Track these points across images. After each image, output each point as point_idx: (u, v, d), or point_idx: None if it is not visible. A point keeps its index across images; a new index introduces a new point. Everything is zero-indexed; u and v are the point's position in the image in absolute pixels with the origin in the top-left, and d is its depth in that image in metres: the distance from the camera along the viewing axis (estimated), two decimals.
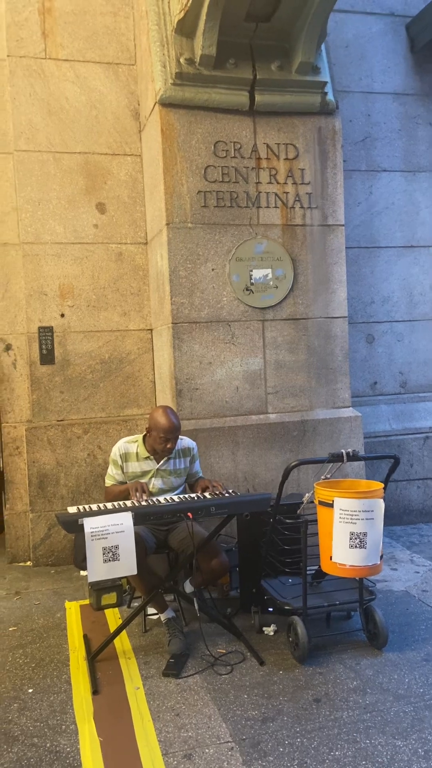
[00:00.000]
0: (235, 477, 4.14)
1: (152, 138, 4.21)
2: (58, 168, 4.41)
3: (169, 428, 3.21)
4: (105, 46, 4.47)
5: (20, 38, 4.32)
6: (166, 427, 3.20)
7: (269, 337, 4.26)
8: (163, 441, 3.22)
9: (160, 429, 3.20)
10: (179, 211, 4.07)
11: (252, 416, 4.24)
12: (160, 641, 3.17)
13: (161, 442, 3.23)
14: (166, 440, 3.22)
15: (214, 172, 4.11)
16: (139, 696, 2.69)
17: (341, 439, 4.30)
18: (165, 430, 3.20)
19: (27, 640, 3.25)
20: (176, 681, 2.80)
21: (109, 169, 4.51)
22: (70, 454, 4.41)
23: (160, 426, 3.20)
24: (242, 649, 3.05)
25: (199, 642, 3.11)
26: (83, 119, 4.44)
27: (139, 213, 4.58)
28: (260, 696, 2.66)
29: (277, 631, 3.22)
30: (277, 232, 4.24)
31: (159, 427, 3.21)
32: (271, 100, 4.07)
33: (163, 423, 3.20)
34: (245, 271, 4.19)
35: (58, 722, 2.51)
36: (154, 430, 3.23)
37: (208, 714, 2.54)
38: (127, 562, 2.77)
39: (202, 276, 4.13)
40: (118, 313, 4.59)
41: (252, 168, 4.16)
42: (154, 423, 3.23)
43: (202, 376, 4.15)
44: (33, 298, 4.41)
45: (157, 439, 3.23)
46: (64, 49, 4.39)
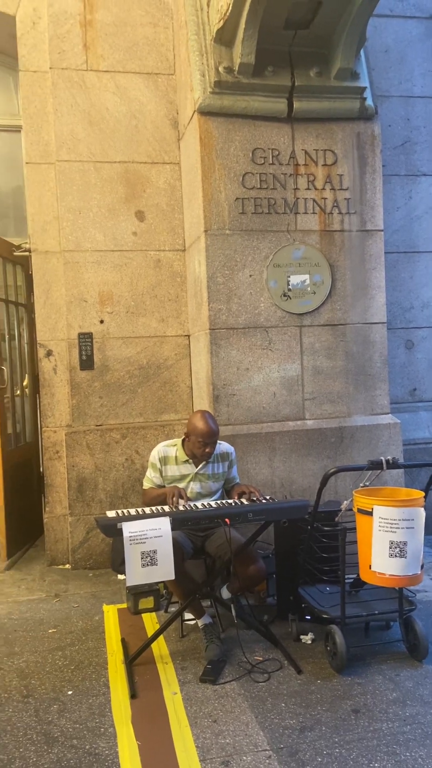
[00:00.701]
0: (271, 483, 4.13)
1: (191, 146, 4.25)
2: (99, 177, 4.49)
3: (208, 433, 3.22)
4: (144, 56, 4.53)
5: (62, 50, 4.42)
6: (204, 431, 3.21)
7: (307, 343, 4.24)
8: (201, 445, 3.24)
9: (198, 433, 3.22)
10: (217, 218, 4.09)
11: (289, 422, 4.22)
12: (197, 647, 3.18)
13: (200, 447, 3.25)
14: (205, 444, 3.24)
15: (252, 179, 4.12)
16: (177, 701, 2.70)
17: (380, 446, 4.25)
18: (203, 435, 3.21)
19: (66, 642, 3.29)
20: (213, 687, 2.80)
21: (148, 177, 4.57)
22: (108, 458, 4.46)
23: (199, 431, 3.22)
24: (279, 657, 3.03)
25: (236, 648, 3.11)
26: (123, 129, 4.51)
27: (177, 220, 4.62)
28: (298, 705, 2.64)
29: (315, 639, 3.19)
30: (315, 238, 4.22)
31: (197, 432, 3.22)
32: (310, 107, 4.07)
33: (202, 428, 3.22)
34: (283, 277, 4.18)
35: (97, 725, 2.54)
36: (193, 435, 3.25)
37: (246, 721, 2.53)
38: (165, 567, 2.79)
39: (240, 282, 4.14)
40: (156, 319, 4.63)
41: (290, 174, 4.16)
42: (193, 427, 3.25)
43: (240, 382, 4.16)
44: (73, 304, 4.49)
45: (196, 443, 3.25)
46: (105, 60, 4.48)
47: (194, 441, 3.25)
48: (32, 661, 3.10)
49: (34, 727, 2.53)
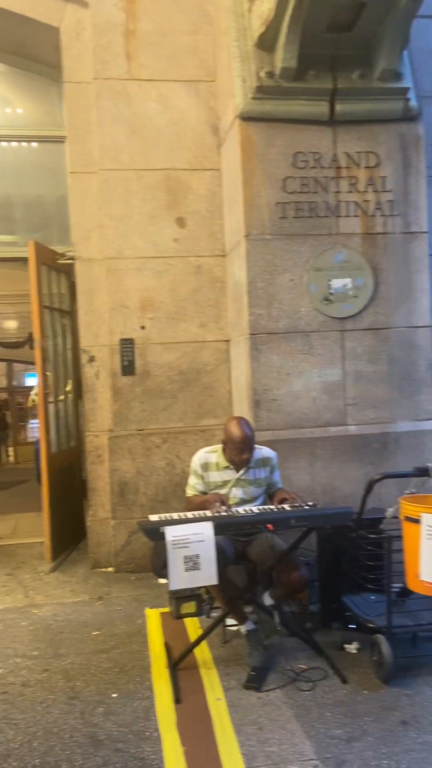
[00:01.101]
0: (313, 489, 4.09)
1: (231, 152, 4.26)
2: (140, 185, 4.54)
3: (242, 439, 3.23)
4: (185, 64, 4.57)
5: (105, 61, 4.50)
6: (238, 438, 3.23)
7: (349, 347, 4.20)
8: (239, 452, 3.25)
9: (233, 440, 3.24)
10: (258, 222, 4.09)
11: (331, 428, 4.17)
12: (239, 653, 3.17)
13: (237, 453, 3.25)
14: (241, 451, 3.25)
15: (293, 183, 4.10)
16: (221, 707, 2.69)
17: (425, 452, 4.16)
18: (237, 441, 3.23)
19: (110, 645, 3.32)
20: (257, 694, 2.78)
21: (188, 184, 4.60)
22: (149, 463, 4.50)
23: (233, 437, 3.23)
24: (324, 666, 2.99)
25: (279, 656, 3.08)
26: (164, 136, 4.56)
27: (217, 226, 4.64)
28: (344, 715, 2.60)
29: (360, 649, 3.14)
30: (357, 241, 4.18)
31: (232, 438, 3.24)
32: (352, 109, 4.04)
33: (236, 434, 3.23)
34: (324, 281, 4.15)
35: (142, 728, 2.55)
36: (229, 442, 3.27)
37: (291, 730, 2.50)
38: (208, 572, 2.79)
39: (280, 287, 4.13)
40: (195, 325, 4.65)
41: (331, 177, 4.13)
42: (228, 434, 3.27)
43: (280, 387, 4.14)
44: (115, 311, 4.54)
45: (233, 450, 3.26)
46: (147, 69, 4.53)
47: (231, 448, 3.26)
48: (77, 663, 3.13)
49: (80, 729, 2.55)
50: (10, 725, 2.59)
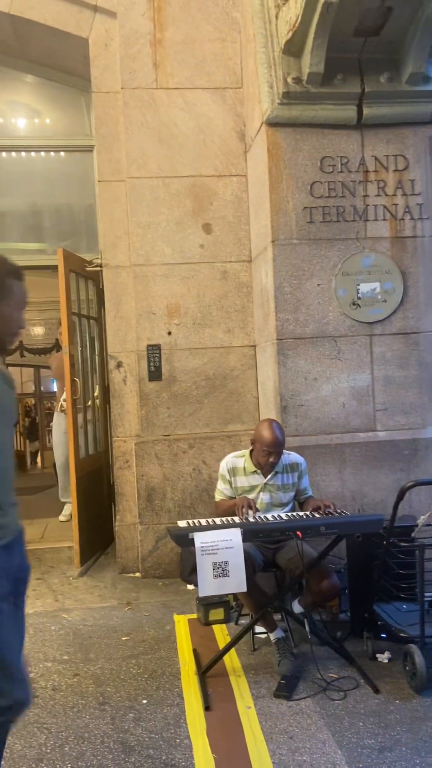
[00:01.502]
0: (342, 496, 4.05)
1: (258, 157, 4.27)
2: (167, 192, 4.57)
3: (272, 442, 3.21)
4: (212, 71, 4.60)
5: (133, 70, 4.54)
6: (268, 440, 3.21)
7: (377, 352, 4.16)
8: (266, 454, 3.23)
9: (263, 442, 3.22)
10: (284, 227, 4.08)
11: (360, 433, 4.13)
12: (269, 661, 3.14)
13: (264, 455, 3.24)
14: (269, 454, 3.23)
15: (321, 187, 4.09)
16: (251, 715, 2.67)
17: None
18: (267, 444, 3.21)
19: (139, 651, 3.33)
20: (288, 703, 2.76)
21: (215, 190, 4.61)
22: (176, 468, 4.50)
23: (263, 439, 3.21)
24: (355, 675, 2.95)
25: (309, 664, 3.05)
26: (191, 144, 4.58)
27: (243, 231, 4.64)
28: (376, 725, 2.57)
29: (392, 658, 3.10)
30: (386, 245, 4.14)
31: (262, 440, 3.22)
32: (380, 113, 4.01)
33: (267, 436, 3.21)
34: (352, 286, 4.12)
35: (173, 735, 2.54)
36: (258, 443, 3.25)
37: (323, 739, 2.48)
38: (237, 579, 2.78)
39: (308, 292, 4.11)
40: (222, 330, 4.65)
41: (359, 181, 4.11)
42: (259, 435, 3.25)
43: (307, 393, 4.11)
44: (142, 317, 4.57)
45: (261, 452, 3.25)
46: (174, 77, 4.56)
47: (259, 449, 3.25)
48: (107, 668, 3.14)
49: (111, 735, 2.56)
50: (41, 729, 2.61)
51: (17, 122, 5.37)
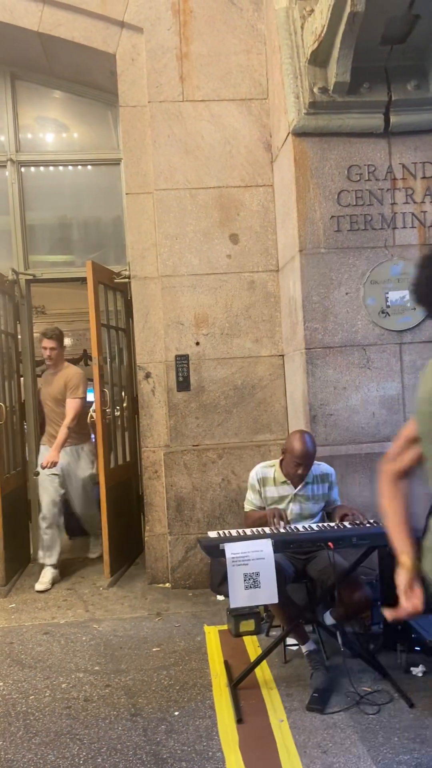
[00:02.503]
0: (373, 506, 3.99)
1: (285, 167, 4.27)
2: (194, 203, 4.60)
3: (302, 453, 3.19)
4: (238, 83, 4.63)
5: (159, 84, 4.60)
6: (299, 452, 3.19)
7: (407, 360, 4.11)
8: (295, 466, 3.22)
9: (294, 454, 3.21)
10: (312, 237, 4.07)
11: (390, 443, 4.07)
12: (301, 673, 3.11)
13: (293, 467, 3.23)
14: (298, 465, 3.21)
15: (348, 196, 4.08)
16: (284, 729, 2.64)
17: None
18: (298, 455, 3.19)
19: (170, 662, 3.32)
20: (321, 717, 2.73)
21: (241, 200, 4.63)
22: (205, 478, 4.50)
23: (294, 450, 3.20)
24: (389, 689, 2.91)
25: (342, 677, 3.01)
26: (217, 155, 4.61)
27: (270, 241, 4.65)
28: (411, 740, 2.52)
29: (426, 672, 3.04)
30: (415, 253, 4.10)
31: (293, 451, 3.21)
32: (408, 120, 3.99)
33: (297, 448, 3.20)
34: (381, 294, 4.09)
35: (205, 748, 2.53)
36: (289, 454, 3.24)
37: (357, 754, 2.44)
38: (268, 590, 2.77)
39: (336, 300, 4.09)
40: (250, 340, 4.65)
41: (387, 189, 4.09)
42: (290, 446, 3.24)
43: (337, 402, 4.08)
44: (170, 328, 4.60)
45: (291, 463, 3.23)
46: (200, 90, 4.61)
47: (289, 460, 3.24)
48: (138, 679, 3.15)
49: (143, 747, 2.56)
50: (74, 740, 2.62)
51: (46, 137, 5.46)
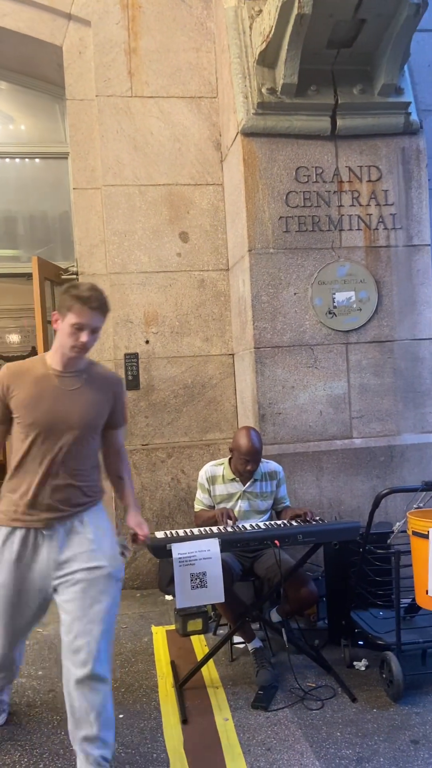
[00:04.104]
0: (320, 503, 4.06)
1: (234, 167, 4.28)
2: (143, 200, 4.56)
3: (249, 450, 3.22)
4: (187, 81, 4.61)
5: (107, 78, 4.54)
6: (245, 448, 3.22)
7: (353, 360, 4.19)
8: (243, 462, 3.24)
9: (240, 450, 3.23)
10: (261, 237, 4.10)
11: (336, 441, 4.16)
12: (247, 671, 3.13)
13: (242, 464, 3.25)
14: (246, 462, 3.24)
15: (296, 197, 4.12)
16: (229, 728, 2.65)
17: (431, 465, 4.14)
18: (245, 452, 3.22)
19: (116, 664, 3.28)
20: (266, 714, 2.75)
21: (191, 199, 4.62)
22: (154, 477, 4.48)
23: (241, 447, 3.23)
24: (332, 684, 2.95)
25: (287, 674, 3.04)
26: (167, 152, 4.58)
27: (220, 240, 4.65)
28: (354, 734, 2.57)
29: (369, 666, 3.10)
30: (360, 255, 4.18)
31: (240, 448, 3.23)
32: (354, 124, 4.06)
33: (244, 444, 3.22)
34: (328, 295, 4.15)
35: (149, 750, 2.51)
36: (236, 451, 3.26)
37: (301, 750, 2.47)
38: (215, 589, 2.76)
39: (284, 300, 4.13)
40: (200, 339, 4.65)
41: (334, 192, 4.15)
42: (236, 444, 3.26)
43: (285, 401, 4.12)
44: (119, 325, 4.55)
45: (239, 460, 3.25)
46: (149, 86, 4.57)
47: (237, 457, 3.26)
48: None
49: None
50: (15, 747, 2.56)
51: None
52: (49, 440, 2.22)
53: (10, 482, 2.29)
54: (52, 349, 2.30)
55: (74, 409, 2.25)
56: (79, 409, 2.27)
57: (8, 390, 2.23)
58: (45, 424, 2.21)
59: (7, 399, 2.24)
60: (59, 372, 2.27)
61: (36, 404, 2.21)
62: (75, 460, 2.28)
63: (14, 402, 2.23)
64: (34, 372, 2.27)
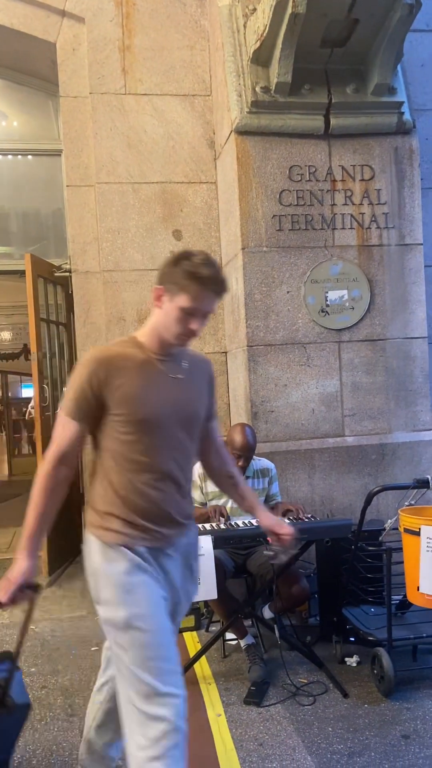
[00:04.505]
0: (312, 501, 4.08)
1: (228, 165, 4.29)
2: (137, 198, 4.56)
3: (242, 446, 3.23)
4: (181, 79, 4.61)
5: (102, 76, 4.53)
6: (239, 444, 3.24)
7: (346, 358, 4.21)
8: (235, 458, 3.26)
9: (233, 446, 3.25)
10: (254, 235, 4.11)
11: (329, 439, 4.17)
12: (239, 667, 3.15)
13: (234, 459, 3.25)
14: (238, 457, 3.26)
15: (289, 196, 4.13)
16: (221, 723, 2.67)
17: (422, 463, 4.17)
18: (238, 447, 3.24)
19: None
20: (258, 710, 2.77)
21: (185, 197, 4.62)
22: None
23: (234, 443, 3.25)
24: (324, 680, 2.98)
25: (279, 670, 3.06)
26: (160, 150, 4.58)
27: (213, 238, 4.66)
28: (345, 729, 2.59)
29: (360, 662, 3.13)
30: (353, 253, 4.20)
31: (233, 444, 3.25)
32: (347, 123, 4.07)
33: (237, 440, 3.24)
34: (321, 293, 4.17)
35: None
36: (230, 446, 3.28)
37: (292, 745, 2.49)
38: (208, 586, 2.78)
39: (277, 299, 4.14)
40: None
41: (327, 190, 4.16)
42: (230, 439, 3.28)
43: (278, 399, 4.14)
44: (112, 323, 4.55)
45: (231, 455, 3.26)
46: (143, 84, 4.56)
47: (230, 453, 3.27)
48: (76, 679, 3.11)
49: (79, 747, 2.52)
50: None
51: None
52: (164, 439, 1.81)
53: (110, 494, 1.83)
54: (146, 329, 1.86)
55: (185, 400, 1.87)
56: (190, 399, 1.89)
57: (105, 382, 1.76)
58: (158, 420, 1.79)
59: (102, 393, 1.76)
60: (161, 357, 1.85)
61: (146, 397, 1.78)
62: (187, 462, 1.91)
63: (117, 396, 1.76)
64: (135, 358, 1.81)
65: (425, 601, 2.75)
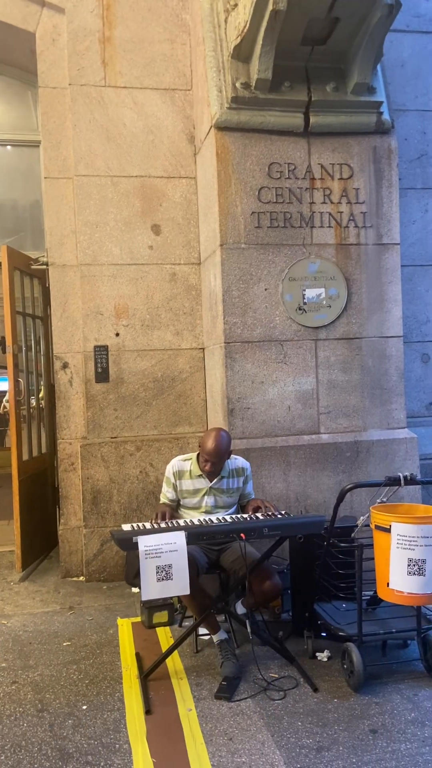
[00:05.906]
0: (286, 497, 4.11)
1: (207, 161, 4.28)
2: (116, 191, 4.53)
3: (211, 451, 3.26)
4: (162, 72, 4.58)
5: (81, 67, 4.48)
6: (208, 449, 3.27)
7: (322, 356, 4.23)
8: (203, 461, 3.30)
9: (203, 449, 3.30)
10: (233, 232, 4.11)
11: (304, 436, 4.20)
12: (211, 662, 3.16)
13: (203, 462, 3.31)
14: (206, 461, 3.29)
15: (268, 193, 4.14)
16: (192, 718, 2.68)
17: (396, 461, 4.22)
18: (207, 452, 3.28)
19: (81, 656, 3.29)
20: (228, 704, 2.78)
21: (164, 191, 4.60)
22: (122, 471, 4.47)
23: (205, 447, 3.28)
24: (295, 675, 3.00)
25: (251, 665, 3.08)
26: (140, 144, 4.56)
27: (192, 234, 4.65)
28: (314, 724, 2.61)
29: (331, 657, 3.16)
30: (331, 252, 4.22)
31: (204, 447, 3.29)
32: (326, 121, 4.09)
33: (208, 445, 3.27)
34: (298, 291, 4.19)
35: (112, 741, 2.52)
36: (201, 449, 3.30)
37: (262, 740, 2.50)
38: (180, 582, 2.78)
39: (255, 296, 4.15)
40: (171, 332, 4.65)
41: (306, 188, 4.17)
42: (203, 442, 3.31)
43: (254, 396, 4.15)
44: (89, 317, 4.52)
45: (202, 458, 3.31)
46: (123, 76, 4.53)
47: (201, 455, 3.32)
48: (47, 674, 3.09)
49: (48, 742, 2.52)
50: None
51: None
52: None
53: None
54: None
55: None
56: None
57: None
58: None
59: None
60: None
61: None
62: None
63: None
64: None
65: (395, 596, 2.79)
